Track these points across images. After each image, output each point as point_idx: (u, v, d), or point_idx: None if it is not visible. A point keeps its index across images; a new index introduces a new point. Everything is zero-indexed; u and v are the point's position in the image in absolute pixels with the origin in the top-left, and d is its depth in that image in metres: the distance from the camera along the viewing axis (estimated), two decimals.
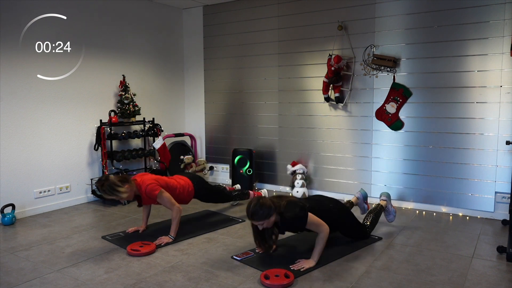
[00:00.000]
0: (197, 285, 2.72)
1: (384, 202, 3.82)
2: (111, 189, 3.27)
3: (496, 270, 2.94)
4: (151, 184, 3.45)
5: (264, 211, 2.82)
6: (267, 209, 2.83)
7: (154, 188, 3.44)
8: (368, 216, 3.61)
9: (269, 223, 2.89)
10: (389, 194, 3.94)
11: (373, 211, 3.67)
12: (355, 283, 2.73)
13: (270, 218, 2.86)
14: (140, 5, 5.44)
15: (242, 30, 5.55)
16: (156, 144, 5.22)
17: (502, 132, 4.02)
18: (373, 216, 3.60)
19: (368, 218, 3.58)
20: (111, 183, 3.28)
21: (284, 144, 5.37)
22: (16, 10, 4.14)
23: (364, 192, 3.92)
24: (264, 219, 2.84)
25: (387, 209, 3.81)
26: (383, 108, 4.58)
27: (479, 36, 4.05)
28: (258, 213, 2.82)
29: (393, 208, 3.85)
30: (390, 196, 3.92)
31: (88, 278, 2.82)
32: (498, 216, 4.09)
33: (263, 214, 2.82)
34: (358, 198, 3.88)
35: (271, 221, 2.89)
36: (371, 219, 3.57)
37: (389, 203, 3.84)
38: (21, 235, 3.74)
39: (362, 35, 4.65)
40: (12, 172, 4.19)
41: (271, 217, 2.86)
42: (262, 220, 2.85)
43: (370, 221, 3.56)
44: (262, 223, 2.87)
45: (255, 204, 2.84)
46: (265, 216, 2.83)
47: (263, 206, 2.83)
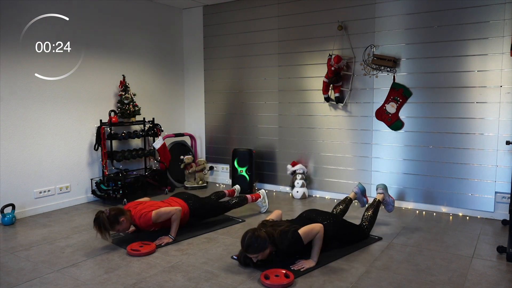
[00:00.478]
0: (197, 285, 2.72)
1: (381, 195, 3.83)
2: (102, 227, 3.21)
3: (496, 270, 2.94)
4: (143, 214, 3.42)
5: (259, 244, 2.78)
6: (262, 241, 2.78)
7: (147, 218, 3.41)
8: (366, 215, 3.60)
9: (263, 255, 2.84)
10: (385, 185, 3.94)
11: (370, 208, 3.66)
12: (355, 283, 2.73)
13: (265, 251, 2.82)
14: (140, 5, 5.44)
15: (242, 30, 5.55)
16: (156, 144, 5.22)
17: (502, 132, 4.02)
18: (371, 214, 3.59)
19: (367, 217, 3.58)
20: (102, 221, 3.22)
21: (284, 144, 5.37)
22: (16, 10, 4.14)
23: (362, 186, 3.93)
24: (259, 252, 2.80)
25: (385, 201, 3.82)
26: (383, 108, 4.58)
27: (479, 36, 4.05)
28: (253, 246, 2.78)
29: (391, 198, 3.88)
30: (386, 187, 3.92)
31: (88, 278, 2.82)
32: (498, 216, 4.09)
33: (258, 247, 2.78)
34: (356, 193, 3.89)
35: (266, 253, 2.84)
36: (369, 217, 3.57)
37: (386, 194, 3.86)
38: (21, 235, 3.74)
39: (362, 35, 4.65)
40: (12, 172, 4.19)
41: (266, 250, 2.82)
42: (257, 253, 2.81)
43: (369, 220, 3.56)
44: (256, 256, 2.82)
45: (250, 236, 2.79)
46: (260, 248, 2.79)
47: (258, 238, 2.78)
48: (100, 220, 3.22)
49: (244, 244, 2.81)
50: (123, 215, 3.34)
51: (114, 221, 3.28)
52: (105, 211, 3.29)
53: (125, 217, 3.36)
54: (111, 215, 3.28)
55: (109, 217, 3.26)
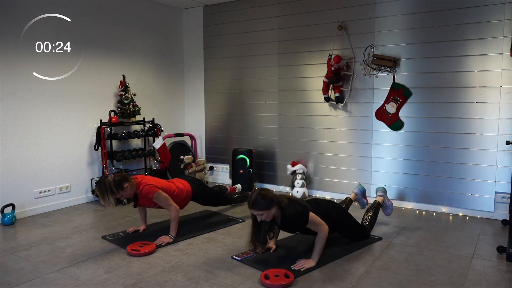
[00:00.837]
0: (197, 285, 2.72)
1: (381, 198, 3.85)
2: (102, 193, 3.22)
3: (496, 270, 2.94)
4: (148, 185, 3.44)
5: (265, 202, 2.82)
6: (268, 200, 2.83)
7: (150, 190, 3.43)
8: (366, 215, 3.62)
9: (268, 215, 2.87)
10: (384, 188, 3.96)
11: (371, 209, 3.69)
12: (355, 283, 2.73)
13: (270, 210, 2.85)
14: (140, 5, 5.44)
15: (242, 30, 5.55)
16: (156, 144, 5.22)
17: (502, 132, 4.02)
18: (371, 215, 3.61)
19: (367, 217, 3.59)
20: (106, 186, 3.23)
21: (284, 144, 5.37)
22: (16, 10, 4.14)
23: (362, 187, 3.94)
24: (264, 210, 2.83)
25: (384, 204, 3.84)
26: (383, 108, 4.58)
27: (479, 36, 4.05)
28: (259, 202, 2.82)
29: (389, 202, 3.89)
30: (386, 190, 3.94)
31: (88, 278, 2.82)
32: (498, 216, 4.09)
33: (264, 204, 2.82)
34: (356, 194, 3.90)
35: (271, 213, 2.88)
36: (369, 218, 3.58)
37: (386, 197, 3.88)
38: (21, 235, 3.74)
39: (362, 35, 4.65)
40: (12, 172, 4.19)
41: (271, 209, 2.85)
42: (262, 211, 2.84)
43: (369, 220, 3.57)
44: (262, 214, 2.85)
45: (258, 194, 2.85)
46: (266, 206, 2.83)
47: (265, 197, 2.83)
48: (105, 183, 3.23)
49: (251, 200, 2.85)
50: (127, 181, 3.35)
51: (118, 185, 3.28)
52: (110, 176, 3.31)
53: (129, 183, 3.36)
54: (116, 180, 3.29)
55: (114, 181, 3.27)
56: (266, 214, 2.86)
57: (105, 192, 3.22)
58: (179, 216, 3.57)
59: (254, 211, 2.87)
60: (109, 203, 3.25)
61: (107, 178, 3.30)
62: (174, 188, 3.70)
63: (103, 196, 3.23)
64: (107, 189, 3.22)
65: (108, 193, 3.22)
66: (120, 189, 3.30)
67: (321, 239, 2.98)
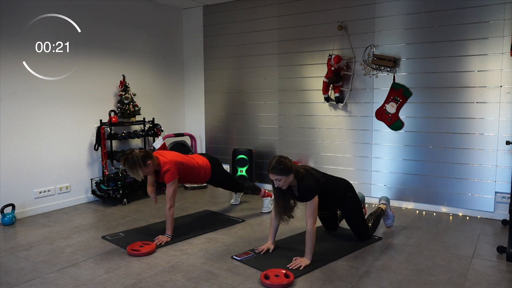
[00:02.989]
0: (197, 285, 2.72)
1: (384, 206, 3.84)
2: (132, 165, 3.32)
3: (496, 270, 2.94)
4: (171, 170, 3.50)
5: (284, 167, 2.93)
6: (286, 167, 2.94)
7: (172, 175, 3.50)
8: (369, 218, 3.61)
9: (286, 181, 2.97)
10: (388, 198, 3.94)
11: (373, 214, 3.68)
12: (355, 283, 2.73)
13: (288, 176, 2.95)
14: (140, 5, 5.44)
15: (242, 30, 5.55)
16: (156, 144, 5.22)
17: (502, 132, 4.02)
18: (374, 218, 3.61)
19: (370, 219, 3.58)
20: (134, 159, 3.33)
21: (284, 144, 5.37)
22: (16, 10, 4.13)
23: (362, 195, 3.92)
24: (282, 175, 2.94)
25: (386, 213, 3.83)
26: (383, 108, 4.58)
27: (479, 36, 4.05)
28: (278, 167, 2.92)
29: (392, 213, 3.87)
30: (389, 200, 3.94)
31: (88, 278, 2.82)
32: (498, 216, 4.09)
33: (282, 169, 2.92)
34: None
35: (288, 180, 2.98)
36: (372, 221, 3.58)
37: (389, 207, 3.86)
38: (21, 235, 3.74)
39: (362, 35, 4.65)
40: (12, 172, 4.19)
41: (289, 175, 2.96)
42: (281, 176, 2.94)
43: (372, 222, 3.57)
44: (280, 179, 2.95)
45: (277, 160, 2.96)
46: (284, 172, 2.93)
47: (284, 163, 2.94)
48: (133, 156, 3.32)
49: (271, 165, 2.96)
50: (150, 159, 3.43)
51: (143, 161, 3.36)
52: (135, 150, 3.41)
53: (152, 161, 3.44)
54: (141, 155, 3.37)
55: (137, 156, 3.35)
56: (283, 180, 2.96)
57: (133, 165, 3.32)
58: (173, 215, 3.58)
59: (273, 175, 2.97)
60: (138, 175, 3.36)
61: (135, 151, 3.39)
62: (194, 164, 3.78)
63: (132, 168, 3.33)
64: (135, 162, 3.32)
65: (137, 166, 3.33)
66: (144, 165, 3.38)
67: (310, 235, 2.99)
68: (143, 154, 3.40)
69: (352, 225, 3.47)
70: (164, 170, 3.50)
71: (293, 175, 3.00)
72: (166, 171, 3.50)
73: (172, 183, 3.52)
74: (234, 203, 4.72)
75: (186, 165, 3.69)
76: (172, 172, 3.51)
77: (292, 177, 3.00)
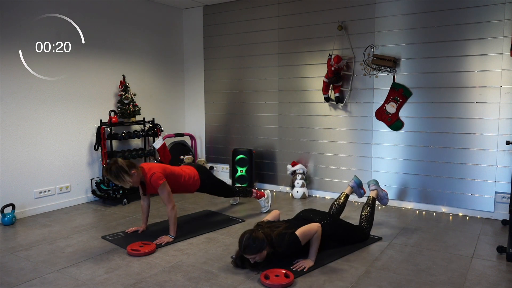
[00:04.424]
0: (197, 285, 2.72)
1: (375, 191, 3.84)
2: (118, 172, 3.29)
3: (496, 270, 2.94)
4: (157, 173, 3.46)
5: (257, 245, 2.78)
6: (260, 242, 2.79)
7: (159, 177, 3.45)
8: (363, 214, 3.57)
9: (261, 256, 2.83)
10: (376, 180, 3.95)
11: (366, 206, 3.63)
12: (355, 283, 2.73)
13: (262, 252, 2.81)
14: (140, 5, 5.44)
15: (242, 30, 5.55)
16: (156, 144, 5.22)
17: (502, 132, 4.02)
18: (368, 214, 3.56)
19: (364, 217, 3.56)
20: (119, 166, 3.30)
21: (284, 144, 5.37)
22: (16, 10, 4.13)
23: (357, 179, 3.93)
24: (257, 253, 2.80)
25: (379, 196, 3.84)
26: (383, 108, 4.58)
27: (479, 36, 4.05)
28: (251, 246, 2.78)
29: (384, 192, 3.89)
30: (377, 182, 3.93)
31: (88, 278, 2.82)
32: (498, 216, 4.09)
33: (256, 248, 2.78)
34: (352, 187, 3.88)
35: (264, 254, 2.84)
36: (367, 217, 3.54)
37: (379, 189, 3.88)
38: (21, 235, 3.74)
39: (362, 35, 4.65)
40: (12, 172, 4.19)
41: (263, 251, 2.81)
42: (255, 254, 2.80)
43: (367, 219, 3.54)
44: (254, 257, 2.82)
45: (248, 237, 2.80)
46: (258, 250, 2.79)
47: (256, 239, 2.78)
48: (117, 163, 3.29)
49: (242, 245, 2.81)
50: (134, 168, 3.40)
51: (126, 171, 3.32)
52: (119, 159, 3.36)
53: (136, 170, 3.41)
54: (126, 163, 3.34)
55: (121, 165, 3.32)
56: (259, 256, 2.82)
57: (118, 172, 3.29)
58: (176, 215, 3.57)
59: (247, 255, 2.82)
60: (125, 182, 3.32)
61: (119, 159, 3.36)
62: (181, 173, 3.74)
63: (117, 176, 3.29)
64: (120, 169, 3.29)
65: (122, 173, 3.30)
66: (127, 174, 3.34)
67: (316, 239, 2.97)
68: (127, 163, 3.36)
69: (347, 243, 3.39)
70: (149, 175, 3.45)
71: (268, 246, 2.83)
72: (152, 175, 3.43)
73: (162, 186, 3.44)
74: (233, 203, 4.72)
75: (172, 173, 3.62)
76: (158, 175, 3.44)
77: (267, 248, 2.83)
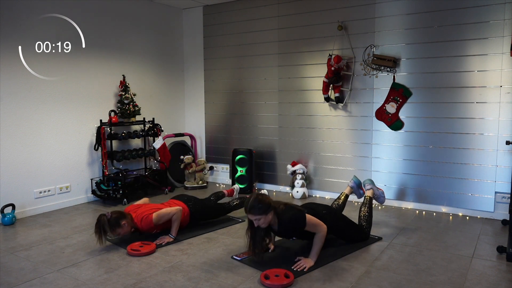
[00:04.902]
0: (197, 285, 2.72)
1: (371, 191, 3.83)
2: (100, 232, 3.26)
3: (496, 270, 2.94)
4: (144, 216, 3.42)
5: (262, 206, 2.82)
6: (265, 205, 2.83)
7: (149, 220, 3.41)
8: (361, 214, 3.57)
9: (265, 220, 2.85)
10: (371, 180, 3.95)
11: (363, 206, 3.63)
12: (355, 283, 2.73)
13: (267, 215, 2.84)
14: (140, 5, 5.44)
15: (242, 30, 5.55)
16: (156, 144, 5.22)
17: (502, 132, 4.02)
18: (366, 213, 3.56)
19: (363, 216, 3.56)
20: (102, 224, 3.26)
21: (284, 144, 5.37)
22: (16, 10, 4.13)
23: (357, 179, 3.93)
24: (261, 214, 2.82)
25: (375, 195, 3.83)
26: (383, 108, 4.58)
27: (479, 36, 4.05)
28: (256, 207, 2.82)
29: (380, 190, 3.88)
30: (373, 181, 3.93)
31: (88, 278, 2.82)
32: (498, 216, 4.09)
33: (261, 209, 2.82)
34: (351, 187, 3.88)
35: (268, 218, 2.86)
36: (366, 216, 3.55)
37: (375, 187, 3.87)
38: (21, 235, 3.74)
39: (362, 35, 4.65)
40: (12, 172, 4.19)
41: (268, 214, 2.84)
42: (259, 215, 2.82)
43: (366, 219, 3.54)
44: (259, 218, 2.84)
45: (254, 198, 2.85)
46: (262, 211, 2.82)
47: (262, 201, 2.83)
48: (101, 224, 3.25)
49: (248, 205, 2.84)
50: (124, 219, 3.35)
51: (116, 224, 3.30)
52: (107, 214, 3.30)
53: (127, 220, 3.36)
54: (113, 218, 3.29)
55: (110, 220, 3.27)
56: (263, 219, 2.84)
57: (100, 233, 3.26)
58: (180, 217, 3.57)
59: (251, 215, 2.85)
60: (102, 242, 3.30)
61: (103, 217, 3.28)
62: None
63: (100, 237, 3.26)
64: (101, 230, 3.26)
65: (102, 234, 3.27)
66: (118, 227, 3.31)
67: (319, 239, 2.98)
68: (116, 216, 3.31)
69: (346, 240, 3.42)
70: (139, 221, 3.41)
71: (273, 212, 2.88)
72: (141, 220, 3.40)
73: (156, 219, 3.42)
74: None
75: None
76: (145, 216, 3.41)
77: (272, 214, 2.88)
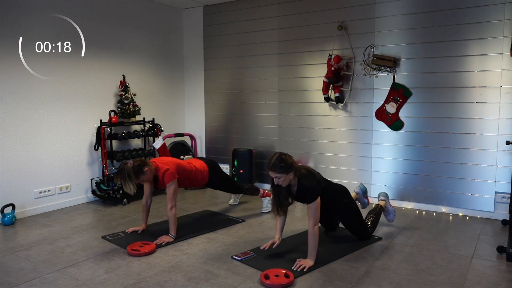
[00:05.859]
0: (197, 285, 2.72)
1: (383, 202, 3.82)
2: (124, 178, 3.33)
3: (496, 270, 2.94)
4: (171, 170, 3.53)
5: (284, 165, 2.89)
6: (287, 164, 2.91)
7: (172, 174, 3.52)
8: (368, 216, 3.61)
9: (285, 179, 2.94)
10: (387, 193, 3.93)
11: (372, 211, 3.67)
12: (355, 283, 2.73)
13: (287, 174, 2.92)
14: (140, 5, 5.44)
15: (242, 30, 5.56)
16: (156, 144, 5.22)
17: (502, 132, 4.02)
18: (373, 216, 3.60)
19: (369, 218, 3.58)
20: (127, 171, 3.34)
21: (284, 144, 5.37)
22: (16, 10, 4.13)
23: (363, 187, 3.92)
24: (282, 173, 2.90)
25: (386, 209, 3.81)
26: (383, 108, 4.58)
27: (479, 36, 4.05)
28: (278, 165, 2.89)
29: (392, 208, 3.85)
30: (388, 196, 3.92)
31: (88, 278, 2.82)
32: (498, 216, 4.09)
33: (282, 167, 2.89)
34: (357, 193, 3.88)
35: (288, 178, 2.95)
36: (371, 219, 3.57)
37: (388, 202, 3.85)
38: (21, 235, 3.74)
39: (362, 35, 4.65)
40: (12, 172, 4.19)
41: (289, 173, 2.93)
42: (280, 173, 2.90)
43: (371, 221, 3.56)
44: (279, 176, 2.92)
45: (278, 157, 2.92)
46: (284, 169, 2.90)
47: (284, 161, 2.91)
48: (125, 171, 3.34)
49: (271, 163, 2.92)
50: (147, 166, 3.46)
51: (139, 170, 3.40)
52: (129, 162, 3.42)
53: (149, 167, 3.47)
54: (136, 165, 3.40)
55: (133, 167, 3.37)
56: (283, 178, 2.93)
57: (125, 179, 3.34)
58: (176, 215, 3.58)
59: (272, 172, 2.93)
60: (130, 189, 3.37)
61: (126, 164, 3.40)
62: (191, 168, 3.81)
63: (124, 183, 3.36)
64: (126, 176, 3.34)
65: (127, 180, 3.35)
66: (141, 174, 3.42)
67: (312, 237, 2.97)
68: (138, 163, 3.41)
69: (351, 229, 3.47)
70: (163, 171, 3.52)
71: (293, 173, 2.97)
72: (165, 171, 3.51)
73: (171, 183, 3.53)
74: (232, 204, 4.72)
75: (184, 168, 3.73)
76: (172, 172, 3.53)
77: (292, 175, 2.97)
